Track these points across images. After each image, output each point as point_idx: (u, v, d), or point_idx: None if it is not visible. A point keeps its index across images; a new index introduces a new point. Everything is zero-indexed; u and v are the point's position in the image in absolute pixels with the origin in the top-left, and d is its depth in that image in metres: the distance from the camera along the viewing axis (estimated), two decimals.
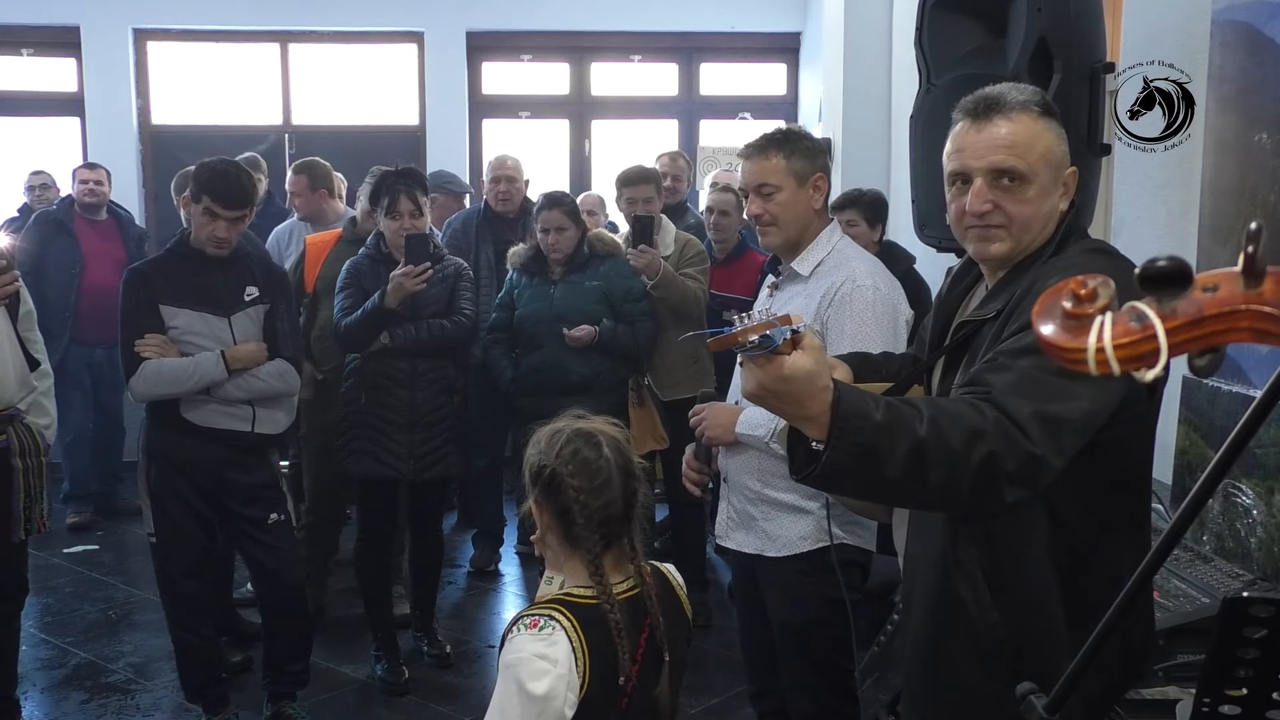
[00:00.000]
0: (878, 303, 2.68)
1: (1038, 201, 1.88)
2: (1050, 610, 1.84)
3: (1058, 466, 1.66)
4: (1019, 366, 1.69)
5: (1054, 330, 0.97)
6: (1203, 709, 1.58)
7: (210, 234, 3.62)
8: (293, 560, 3.89)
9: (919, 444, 1.58)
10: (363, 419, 4.17)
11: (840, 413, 1.57)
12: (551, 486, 1.91)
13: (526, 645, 1.85)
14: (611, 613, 1.88)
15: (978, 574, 1.87)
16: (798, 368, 1.55)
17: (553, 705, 1.81)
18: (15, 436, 3.44)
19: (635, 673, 1.92)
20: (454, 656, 4.55)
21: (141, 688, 4.34)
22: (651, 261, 4.45)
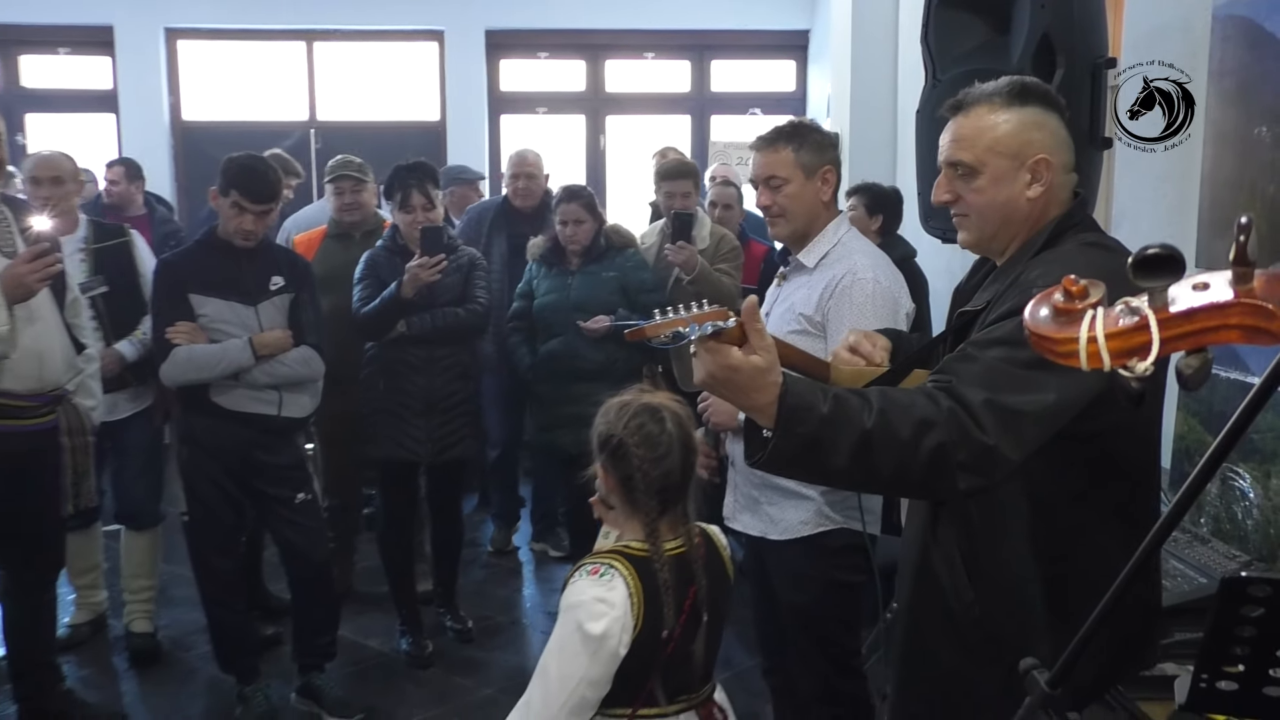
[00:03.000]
0: (877, 295, 2.66)
1: (990, 190, 1.87)
2: (1029, 596, 1.81)
3: (1014, 458, 1.63)
4: (985, 357, 1.68)
5: (1045, 323, 0.95)
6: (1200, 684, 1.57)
7: (238, 226, 3.63)
8: (320, 538, 3.90)
9: (865, 435, 1.59)
10: (382, 404, 4.18)
11: (786, 404, 1.58)
12: (618, 454, 2.00)
13: (587, 589, 1.95)
14: (661, 570, 1.97)
15: (955, 554, 1.86)
16: (745, 361, 1.58)
17: (608, 644, 1.91)
18: (63, 416, 3.47)
19: (680, 625, 2.00)
20: (475, 631, 4.57)
21: (177, 659, 4.37)
22: (690, 258, 4.42)
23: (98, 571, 4.45)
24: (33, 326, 3.30)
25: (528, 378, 4.62)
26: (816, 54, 7.87)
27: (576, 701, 1.92)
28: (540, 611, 4.91)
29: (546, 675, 1.94)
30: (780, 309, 2.82)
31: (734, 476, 2.88)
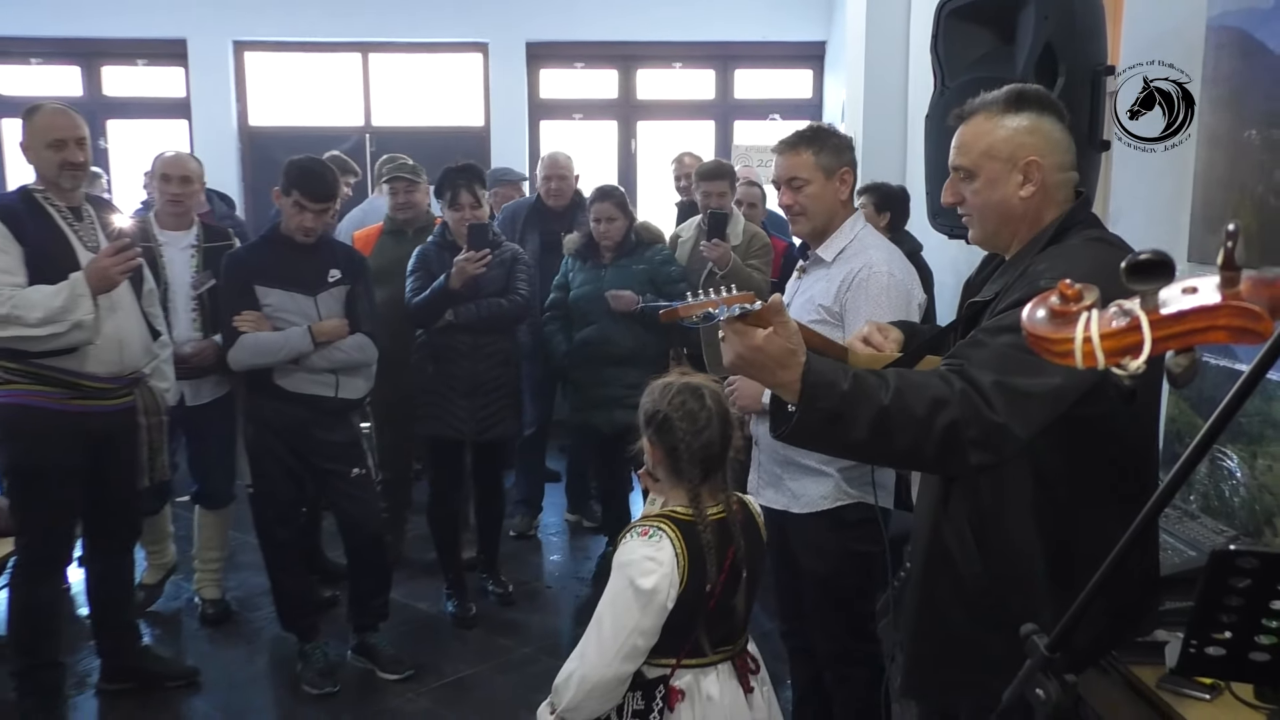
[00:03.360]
0: (891, 288, 2.65)
1: (985, 191, 1.89)
2: (1032, 566, 1.81)
3: (1022, 436, 1.63)
4: (995, 343, 1.68)
5: (1042, 324, 0.94)
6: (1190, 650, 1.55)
7: (299, 224, 3.65)
8: (374, 509, 3.93)
9: (882, 411, 1.60)
10: (431, 387, 4.20)
11: (809, 381, 1.60)
12: (663, 428, 2.04)
13: (638, 549, 1.99)
14: (704, 532, 2.02)
15: (965, 527, 1.85)
16: (771, 341, 1.60)
17: (657, 598, 1.95)
18: (140, 397, 3.51)
19: (721, 582, 2.04)
20: (515, 595, 4.59)
21: (244, 619, 4.42)
22: (724, 254, 4.40)
23: (168, 539, 4.53)
24: (114, 315, 3.34)
25: (564, 363, 4.62)
26: (832, 63, 7.81)
27: (629, 650, 1.96)
28: (573, 578, 4.92)
29: (601, 626, 1.98)
30: (800, 300, 2.81)
31: (758, 455, 2.87)
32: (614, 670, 1.96)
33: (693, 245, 4.69)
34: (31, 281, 3.21)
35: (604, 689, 1.97)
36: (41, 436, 3.30)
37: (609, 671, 1.96)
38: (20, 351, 3.24)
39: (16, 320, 3.16)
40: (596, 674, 1.96)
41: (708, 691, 2.04)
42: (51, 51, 7.69)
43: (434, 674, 3.91)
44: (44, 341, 3.20)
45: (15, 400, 3.30)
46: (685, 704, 2.02)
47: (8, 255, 3.21)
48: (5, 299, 3.15)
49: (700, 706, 2.03)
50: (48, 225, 3.30)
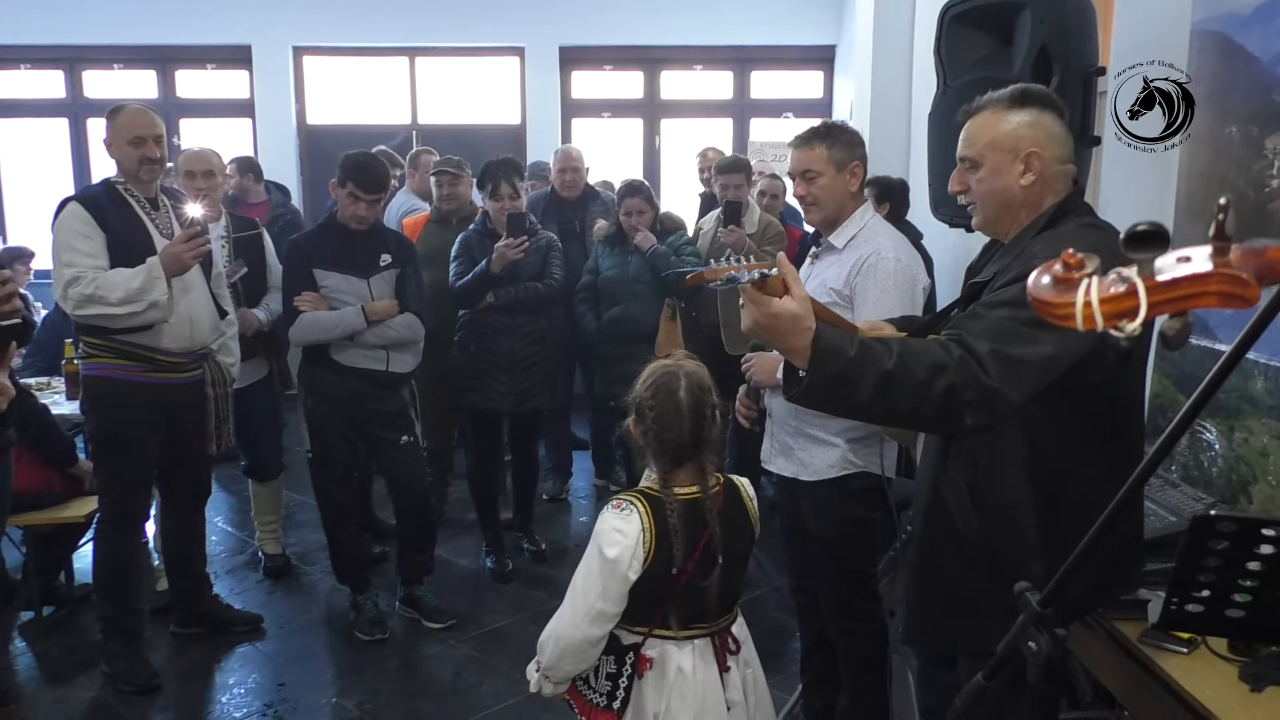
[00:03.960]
0: (898, 273, 2.61)
1: (989, 180, 1.89)
2: (1024, 523, 1.80)
3: (1015, 399, 1.63)
4: (992, 315, 1.68)
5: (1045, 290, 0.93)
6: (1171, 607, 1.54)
7: (353, 213, 3.65)
8: (421, 473, 3.94)
9: (886, 374, 1.61)
10: (472, 363, 4.20)
11: (819, 347, 1.61)
12: (640, 416, 2.00)
13: (609, 520, 1.96)
14: (670, 515, 1.96)
15: (961, 486, 1.85)
16: (784, 308, 1.62)
17: (619, 568, 1.92)
18: (208, 370, 3.54)
19: (692, 565, 1.96)
20: (548, 552, 4.61)
21: (303, 572, 4.46)
22: (739, 240, 4.39)
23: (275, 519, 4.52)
24: (186, 296, 3.37)
25: (593, 340, 4.62)
26: (842, 65, 7.73)
27: (595, 614, 1.92)
28: None
29: (574, 589, 1.97)
30: (813, 284, 2.79)
31: (771, 426, 2.86)
32: (582, 632, 1.92)
33: (713, 236, 4.68)
34: (113, 265, 3.24)
35: (575, 649, 1.94)
36: (122, 405, 3.34)
37: (578, 633, 1.92)
38: (102, 328, 3.28)
39: (100, 300, 3.20)
40: (568, 635, 1.93)
41: (679, 664, 1.97)
42: (131, 58, 7.72)
43: (474, 623, 3.94)
44: (123, 320, 3.24)
45: (99, 372, 3.34)
46: (654, 672, 1.97)
47: (92, 241, 3.24)
48: (89, 280, 3.19)
49: (670, 677, 1.97)
50: (128, 214, 3.32)
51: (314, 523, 4.35)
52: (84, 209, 3.26)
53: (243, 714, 3.31)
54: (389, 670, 3.60)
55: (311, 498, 4.07)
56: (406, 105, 7.91)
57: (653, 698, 1.95)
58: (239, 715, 3.30)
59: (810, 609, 2.97)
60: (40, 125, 7.80)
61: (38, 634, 3.84)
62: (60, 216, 3.28)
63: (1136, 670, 1.97)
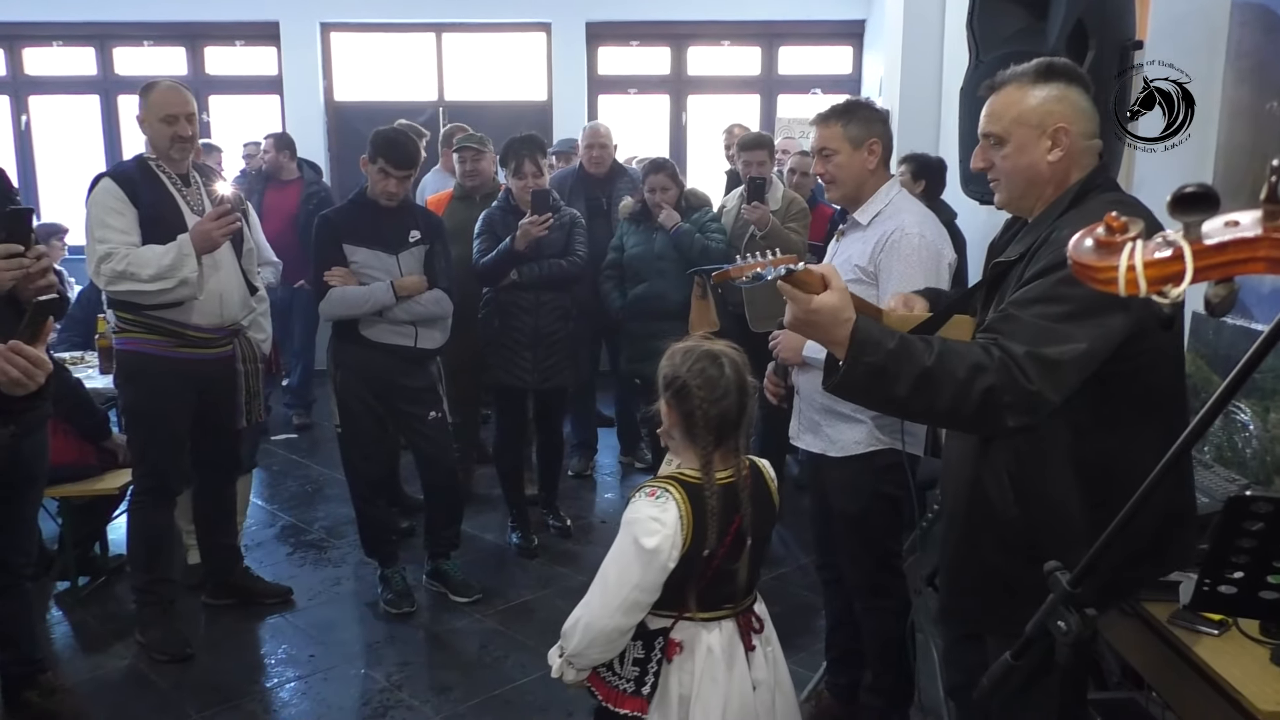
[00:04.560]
0: (922, 248, 2.59)
1: (1015, 157, 1.86)
2: (1068, 513, 1.78)
3: (1055, 400, 1.64)
4: (1025, 316, 1.68)
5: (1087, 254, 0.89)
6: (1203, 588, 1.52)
7: (383, 189, 3.66)
8: (448, 449, 3.95)
9: (925, 371, 1.63)
10: (497, 340, 4.21)
11: (857, 339, 1.64)
12: (681, 394, 1.92)
13: (645, 509, 1.90)
14: (710, 498, 1.91)
15: (1004, 476, 1.83)
16: (823, 303, 1.65)
17: (659, 558, 1.87)
18: (239, 346, 3.58)
19: (725, 549, 1.94)
20: (573, 528, 4.63)
21: (331, 545, 4.51)
22: (762, 216, 4.38)
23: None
24: (217, 273, 3.40)
25: (619, 317, 4.62)
26: (871, 40, 7.64)
27: (629, 604, 1.89)
28: None
29: (605, 579, 1.91)
30: (838, 261, 2.78)
31: (799, 403, 2.85)
32: (614, 622, 1.89)
33: (737, 213, 4.66)
34: (145, 242, 3.28)
35: (605, 638, 1.91)
36: (154, 380, 3.38)
37: (610, 622, 1.89)
38: (134, 304, 3.32)
39: (131, 276, 3.23)
40: (599, 624, 1.89)
41: (708, 645, 1.96)
42: (161, 34, 7.76)
43: (500, 598, 3.96)
44: (154, 296, 3.28)
45: (132, 347, 3.39)
46: (683, 656, 1.95)
47: (124, 217, 3.27)
48: (122, 256, 3.23)
49: (699, 659, 1.95)
50: (160, 191, 3.35)
51: (343, 496, 4.39)
52: (117, 185, 3.29)
53: (273, 684, 3.36)
54: (416, 642, 3.63)
55: (340, 472, 4.11)
56: (433, 81, 7.91)
57: (681, 681, 1.93)
58: (270, 685, 3.36)
59: (835, 586, 2.97)
60: (72, 102, 7.87)
61: (73, 604, 3.91)
62: (93, 193, 3.31)
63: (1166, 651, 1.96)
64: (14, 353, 2.09)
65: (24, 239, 2.51)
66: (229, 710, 3.19)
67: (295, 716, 3.17)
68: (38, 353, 2.11)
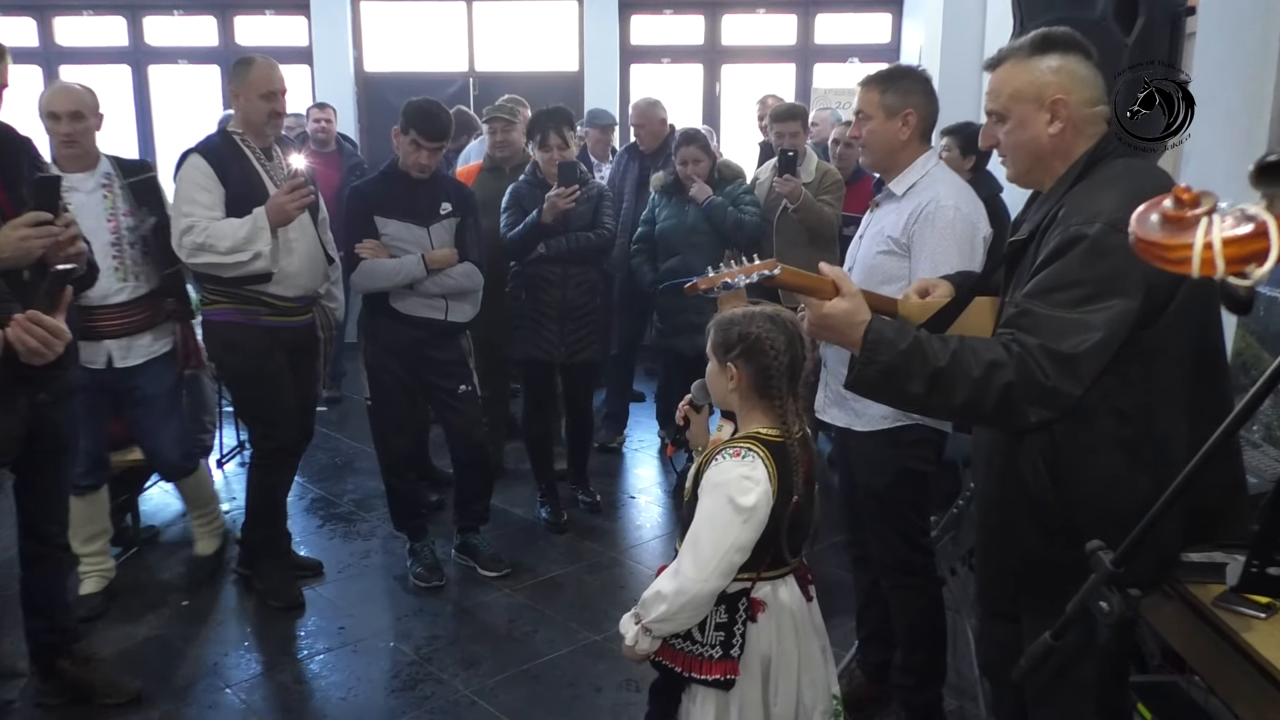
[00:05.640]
0: (957, 221, 2.56)
1: (1016, 132, 1.89)
2: (1116, 499, 1.74)
3: (1075, 393, 1.66)
4: (1037, 310, 1.70)
5: (1154, 230, 0.83)
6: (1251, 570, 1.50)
7: (415, 161, 3.67)
8: (478, 422, 3.97)
9: (938, 371, 1.68)
10: (523, 313, 4.23)
11: (869, 339, 1.72)
12: (754, 349, 1.98)
13: (733, 469, 1.93)
14: (793, 448, 1.98)
15: (1039, 460, 1.81)
16: (834, 309, 1.76)
17: (758, 514, 1.91)
18: (318, 314, 3.72)
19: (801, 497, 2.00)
20: (603, 504, 4.65)
21: (361, 518, 4.56)
22: (795, 189, 4.34)
23: (106, 537, 3.73)
24: (296, 244, 3.51)
25: (651, 292, 4.61)
26: (911, 8, 7.51)
27: (727, 566, 1.91)
28: (660, 489, 4.96)
29: (698, 544, 1.92)
30: (871, 232, 2.75)
31: (826, 376, 2.84)
32: (711, 585, 1.91)
33: (769, 186, 4.61)
34: (230, 217, 3.38)
35: (698, 603, 1.93)
36: (251, 346, 3.52)
37: (706, 586, 1.91)
38: (218, 276, 3.43)
39: (210, 249, 3.35)
40: (694, 588, 1.91)
41: (782, 599, 2.02)
42: (191, 4, 7.79)
43: (529, 573, 3.99)
44: (232, 269, 3.39)
45: (222, 318, 3.53)
46: (766, 614, 2.00)
47: (210, 194, 3.38)
48: (201, 229, 3.34)
49: (776, 615, 2.00)
50: (245, 166, 3.46)
51: (372, 470, 4.43)
52: (206, 162, 3.40)
53: (304, 655, 3.41)
54: (445, 616, 3.67)
55: (370, 445, 4.14)
56: (464, 52, 7.89)
57: (764, 640, 1.99)
58: (301, 656, 3.41)
59: (865, 563, 2.96)
60: (103, 72, 7.93)
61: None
62: (183, 168, 3.42)
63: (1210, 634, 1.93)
64: (33, 322, 2.12)
65: (52, 207, 2.54)
66: (261, 681, 3.24)
67: (326, 688, 3.21)
68: (56, 322, 2.14)
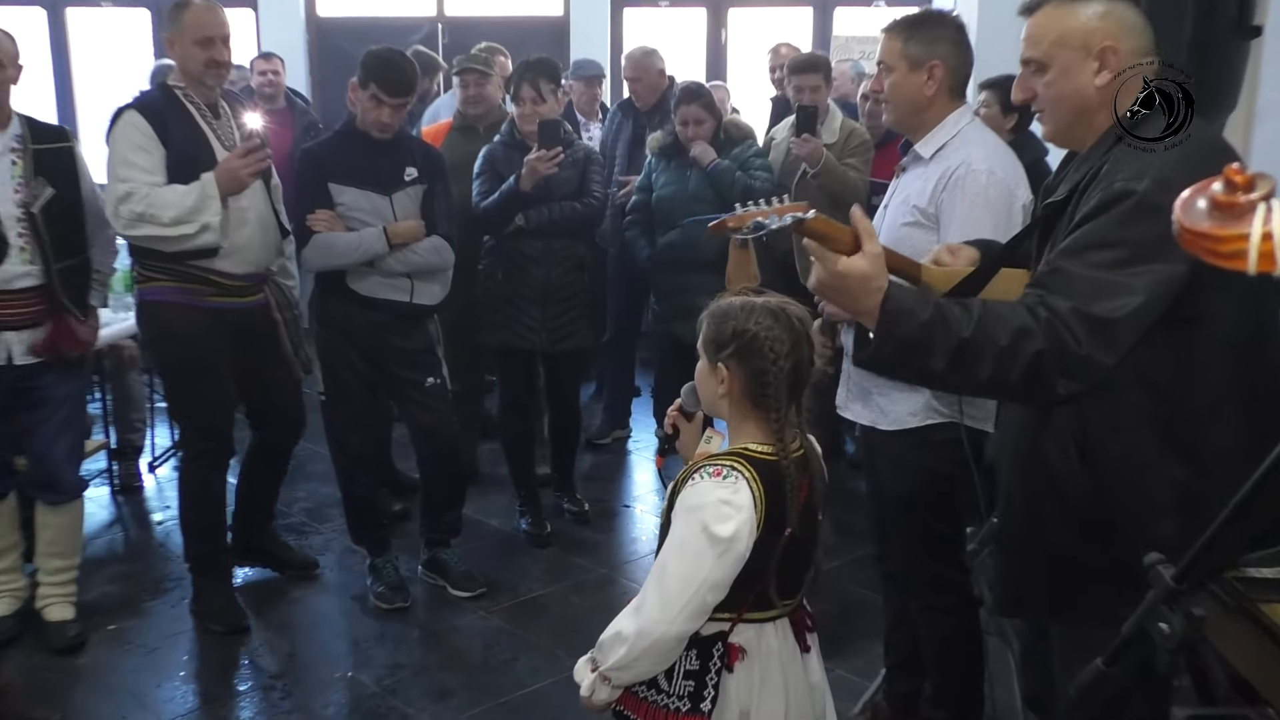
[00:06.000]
0: (990, 187, 2.56)
1: (1059, 83, 1.91)
2: (1152, 481, 1.80)
3: (1108, 363, 1.70)
4: (1072, 268, 1.74)
5: (1203, 219, 0.83)
6: None
7: (376, 119, 3.67)
8: (448, 420, 3.98)
9: (963, 342, 1.70)
10: (499, 294, 4.23)
11: (887, 309, 1.71)
12: (750, 348, 1.91)
13: (711, 491, 1.87)
14: (788, 469, 1.91)
15: (1069, 442, 1.85)
16: (851, 267, 1.72)
17: (736, 547, 1.84)
18: (271, 294, 3.71)
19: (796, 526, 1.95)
20: (593, 514, 4.66)
21: (314, 530, 4.57)
22: (814, 151, 4.33)
23: (17, 552, 3.63)
24: (247, 215, 3.51)
25: (646, 268, 4.62)
26: None
27: (696, 606, 1.84)
28: (657, 496, 4.97)
29: (664, 578, 1.87)
30: (896, 201, 2.76)
31: (848, 367, 2.85)
32: (677, 628, 1.84)
33: (786, 147, 4.61)
34: (171, 182, 3.37)
35: (663, 648, 1.86)
36: (188, 331, 3.51)
37: (672, 629, 1.83)
38: (158, 250, 3.43)
39: (151, 219, 3.35)
40: (657, 631, 1.83)
41: (768, 648, 1.95)
42: None
43: (507, 592, 4.00)
44: (175, 242, 3.40)
45: (158, 297, 3.53)
46: (745, 662, 1.93)
47: (150, 156, 3.38)
48: (142, 197, 3.34)
49: (760, 664, 1.94)
50: (189, 125, 3.46)
51: (327, 475, 4.43)
52: (145, 119, 3.39)
53: (248, 687, 3.43)
54: (410, 642, 3.68)
55: (324, 446, 4.15)
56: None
57: (741, 693, 1.92)
58: (245, 688, 3.42)
59: (894, 580, 2.99)
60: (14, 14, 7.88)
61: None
62: (117, 126, 3.41)
63: None
64: None
65: None
66: (198, 717, 3.25)
67: None
68: None
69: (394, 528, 4.30)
